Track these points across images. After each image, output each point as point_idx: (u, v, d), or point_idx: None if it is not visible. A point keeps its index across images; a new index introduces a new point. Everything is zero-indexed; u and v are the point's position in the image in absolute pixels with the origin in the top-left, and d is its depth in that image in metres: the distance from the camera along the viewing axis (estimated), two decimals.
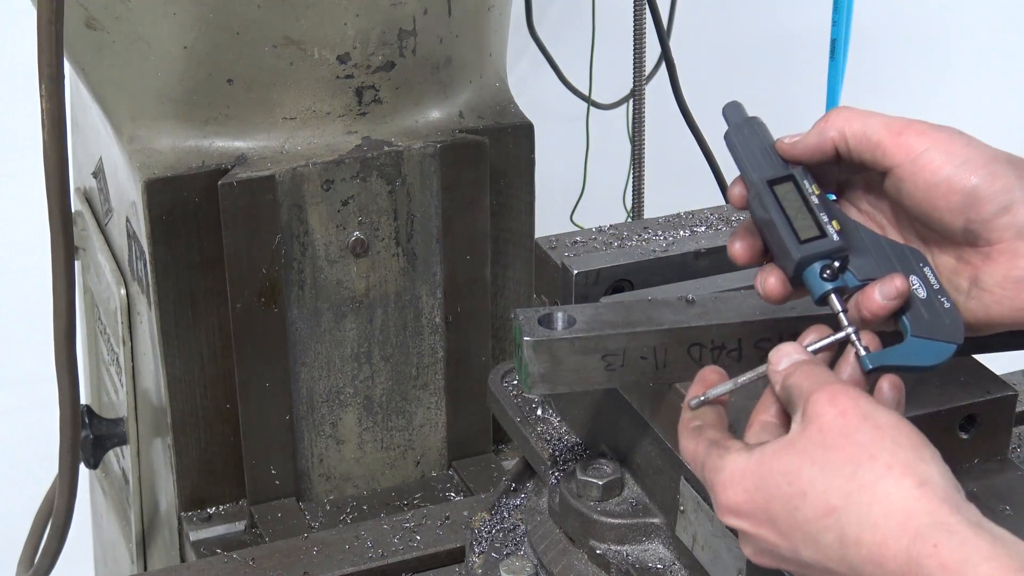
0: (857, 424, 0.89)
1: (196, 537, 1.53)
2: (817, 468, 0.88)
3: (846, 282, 1.00)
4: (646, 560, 1.12)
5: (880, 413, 0.90)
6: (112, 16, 1.41)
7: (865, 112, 1.01)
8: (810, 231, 1.00)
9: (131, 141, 1.46)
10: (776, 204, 1.01)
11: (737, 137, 1.06)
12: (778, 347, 0.98)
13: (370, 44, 1.43)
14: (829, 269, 0.99)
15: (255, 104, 1.44)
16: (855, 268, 1.00)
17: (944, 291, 1.00)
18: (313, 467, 1.57)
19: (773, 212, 1.01)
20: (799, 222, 1.00)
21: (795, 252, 0.99)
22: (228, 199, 1.41)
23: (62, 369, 1.48)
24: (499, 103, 1.57)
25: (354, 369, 1.54)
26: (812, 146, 1.02)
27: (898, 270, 1.00)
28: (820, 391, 0.91)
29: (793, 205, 1.01)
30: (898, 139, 0.99)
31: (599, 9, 2.41)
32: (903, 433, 0.88)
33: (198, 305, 1.47)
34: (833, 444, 0.89)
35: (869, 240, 1.02)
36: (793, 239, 1.00)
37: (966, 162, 0.98)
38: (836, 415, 0.89)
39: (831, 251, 1.00)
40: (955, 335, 0.99)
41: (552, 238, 1.23)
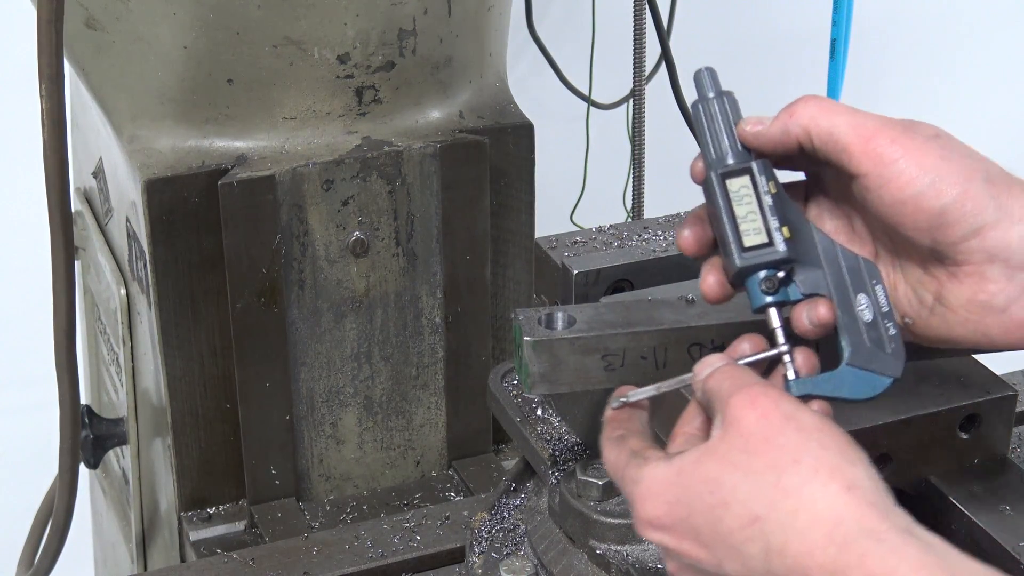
0: (779, 426, 0.84)
1: (196, 537, 1.53)
2: (739, 475, 0.83)
3: (788, 295, 0.93)
4: (646, 560, 1.12)
5: (804, 414, 0.85)
6: (112, 16, 1.41)
7: (834, 108, 0.94)
8: (756, 237, 0.93)
9: (131, 141, 1.46)
10: (725, 201, 0.94)
11: (705, 110, 0.98)
12: (704, 358, 0.93)
13: (370, 44, 1.43)
14: (771, 281, 0.93)
15: (255, 104, 1.44)
16: (800, 281, 0.94)
17: (893, 315, 0.94)
18: (313, 467, 1.57)
19: (721, 209, 0.94)
20: (746, 225, 0.94)
21: (736, 259, 0.93)
22: (228, 199, 1.41)
23: (62, 369, 1.48)
24: (499, 103, 1.57)
25: (354, 369, 1.54)
26: (774, 139, 0.95)
27: (847, 286, 0.93)
28: (740, 393, 0.86)
29: (744, 204, 0.94)
30: (867, 145, 0.92)
31: (599, 9, 2.41)
32: (828, 434, 0.84)
33: (198, 305, 1.47)
34: (755, 449, 0.84)
35: (822, 249, 0.95)
36: (737, 244, 0.93)
37: (938, 179, 0.90)
38: (757, 418, 0.84)
39: (775, 262, 0.93)
40: (894, 368, 0.92)
41: (552, 238, 1.23)
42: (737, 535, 0.82)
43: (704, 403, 0.91)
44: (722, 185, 0.94)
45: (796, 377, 0.92)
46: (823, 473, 0.81)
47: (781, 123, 0.94)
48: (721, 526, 0.83)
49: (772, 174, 0.95)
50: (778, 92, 1.37)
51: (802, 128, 0.93)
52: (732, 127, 0.97)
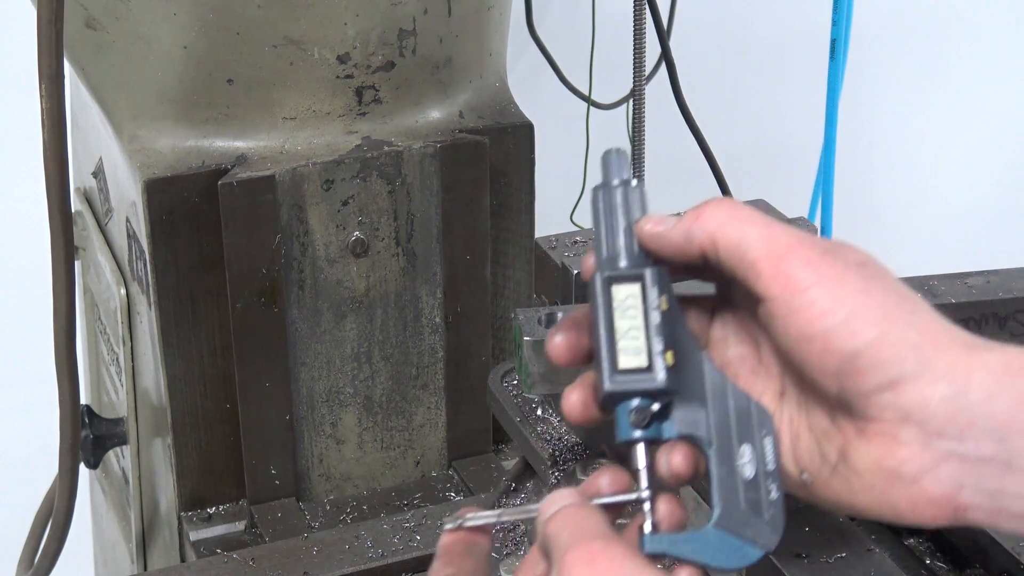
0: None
1: (196, 537, 1.53)
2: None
3: (661, 433, 0.80)
4: None
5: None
6: (112, 16, 1.41)
7: (746, 216, 0.80)
8: (635, 358, 0.80)
9: (131, 141, 1.46)
10: (607, 310, 0.81)
11: (604, 199, 0.84)
12: (554, 493, 0.79)
13: (370, 44, 1.43)
14: (642, 413, 0.80)
15: (255, 104, 1.44)
16: (678, 419, 0.80)
17: (777, 476, 0.80)
18: (313, 467, 1.57)
19: (600, 319, 0.81)
20: (626, 342, 0.80)
21: (607, 381, 0.80)
22: (228, 199, 1.41)
23: (62, 369, 1.48)
24: (499, 103, 1.57)
25: (354, 369, 1.54)
26: (675, 244, 0.81)
27: (731, 434, 0.80)
28: (578, 548, 0.74)
29: (627, 317, 0.80)
30: (778, 265, 0.78)
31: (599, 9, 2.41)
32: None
33: (198, 305, 1.47)
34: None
35: (711, 385, 0.81)
36: (610, 363, 0.80)
37: (853, 316, 0.76)
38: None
39: (651, 391, 0.80)
40: (767, 539, 0.80)
41: (552, 238, 1.23)
42: None
43: (543, 550, 0.78)
44: (607, 291, 0.81)
45: (652, 531, 0.79)
46: None
47: (685, 227, 0.81)
48: None
49: (667, 287, 0.82)
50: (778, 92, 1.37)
51: (707, 236, 0.80)
52: (631, 224, 0.83)
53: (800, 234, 0.79)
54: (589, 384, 0.83)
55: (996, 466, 0.76)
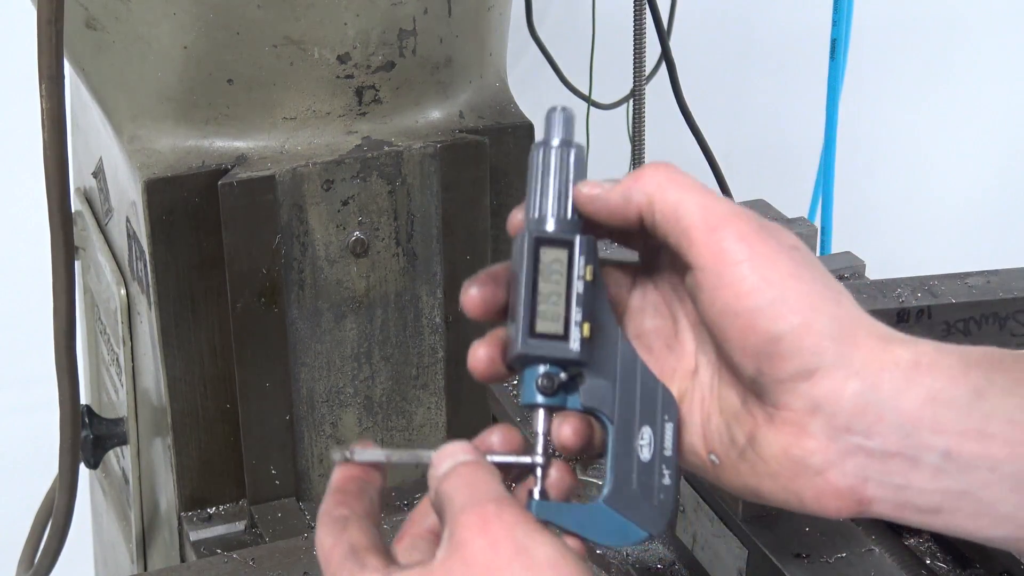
0: (508, 559, 0.72)
1: (196, 537, 1.53)
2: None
3: (565, 402, 0.80)
4: (646, 560, 1.12)
5: (540, 546, 0.72)
6: (112, 16, 1.41)
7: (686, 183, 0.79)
8: (551, 324, 0.79)
9: (131, 141, 1.46)
10: (532, 271, 0.80)
11: (542, 158, 0.82)
12: (447, 446, 0.81)
13: (370, 44, 1.43)
14: (550, 379, 0.80)
15: (255, 104, 1.44)
16: (585, 390, 0.80)
17: (673, 463, 0.80)
18: (313, 467, 1.57)
19: (523, 279, 0.80)
20: (545, 306, 0.79)
21: (519, 343, 0.80)
22: (228, 199, 1.41)
23: (62, 369, 1.48)
24: (499, 103, 1.57)
25: (354, 369, 1.54)
26: (613, 206, 0.80)
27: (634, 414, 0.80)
28: (472, 511, 0.74)
29: (551, 281, 0.79)
30: (711, 235, 0.77)
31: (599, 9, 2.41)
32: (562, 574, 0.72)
33: (198, 305, 1.47)
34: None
35: (622, 363, 0.81)
36: (527, 325, 0.79)
37: (780, 299, 0.76)
38: (484, 546, 0.72)
39: (562, 360, 0.79)
40: (654, 523, 0.80)
41: None
42: None
43: (436, 507, 0.79)
44: (534, 252, 0.80)
45: (541, 498, 0.79)
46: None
47: (624, 188, 0.80)
48: None
49: (595, 258, 0.81)
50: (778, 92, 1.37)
51: (646, 197, 0.79)
52: (568, 187, 0.82)
53: (738, 208, 0.78)
54: (497, 340, 0.83)
55: (902, 461, 0.76)
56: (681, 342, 0.84)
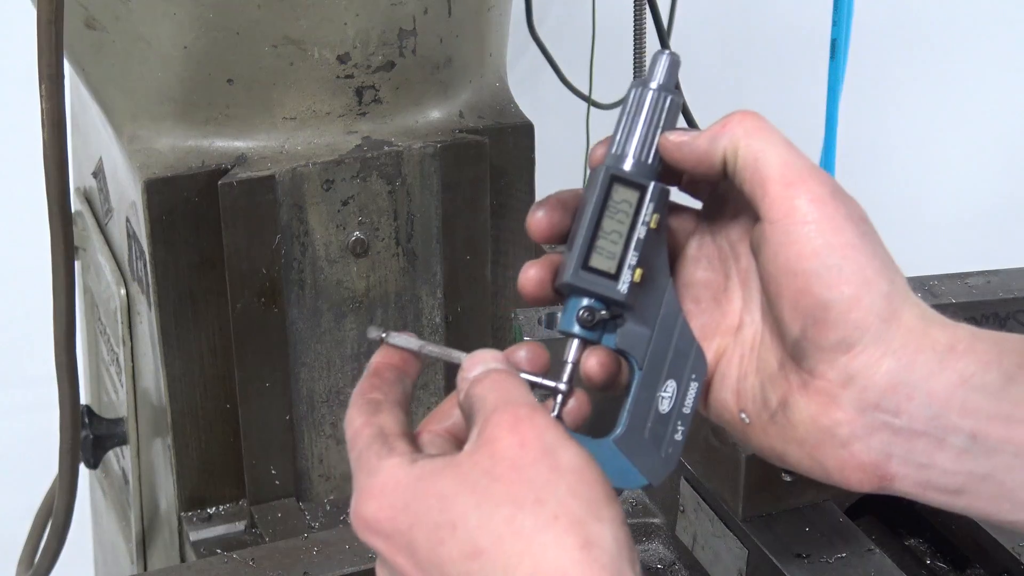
0: (535, 459, 0.74)
1: (196, 537, 1.53)
2: (475, 500, 0.74)
3: (601, 338, 0.82)
4: (646, 560, 1.12)
5: (566, 452, 0.74)
6: (112, 16, 1.41)
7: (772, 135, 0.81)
8: (605, 262, 0.81)
9: (131, 141, 1.46)
10: (599, 206, 0.81)
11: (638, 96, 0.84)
12: (478, 352, 0.82)
13: (370, 44, 1.43)
14: (591, 313, 0.82)
15: (255, 104, 1.44)
16: (622, 333, 0.82)
17: (689, 422, 0.82)
18: (313, 467, 1.57)
19: (589, 212, 0.81)
20: (603, 243, 0.81)
21: (569, 273, 0.81)
22: (228, 199, 1.41)
23: (62, 369, 1.48)
24: (499, 103, 1.57)
25: (354, 369, 1.54)
26: (699, 151, 0.82)
27: (663, 365, 0.82)
28: (504, 411, 0.76)
29: (615, 219, 0.81)
30: (787, 190, 0.79)
31: (599, 9, 2.41)
32: (585, 481, 0.74)
33: (198, 305, 1.47)
34: (501, 476, 0.74)
35: (665, 315, 0.83)
36: (580, 257, 0.81)
37: (838, 268, 0.78)
38: (514, 444, 0.74)
39: (607, 299, 0.81)
40: (655, 473, 0.82)
41: None
42: (455, 566, 0.73)
43: (464, 407, 0.81)
44: (607, 187, 0.81)
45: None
46: (563, 522, 0.72)
47: (711, 133, 0.82)
48: (441, 550, 0.74)
49: (664, 208, 0.83)
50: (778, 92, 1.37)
51: (731, 143, 0.81)
52: (655, 131, 0.83)
53: (816, 169, 0.80)
54: (550, 264, 0.85)
55: (928, 441, 0.78)
56: (729, 298, 0.86)
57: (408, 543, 0.75)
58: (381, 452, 0.80)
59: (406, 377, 0.88)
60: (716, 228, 0.87)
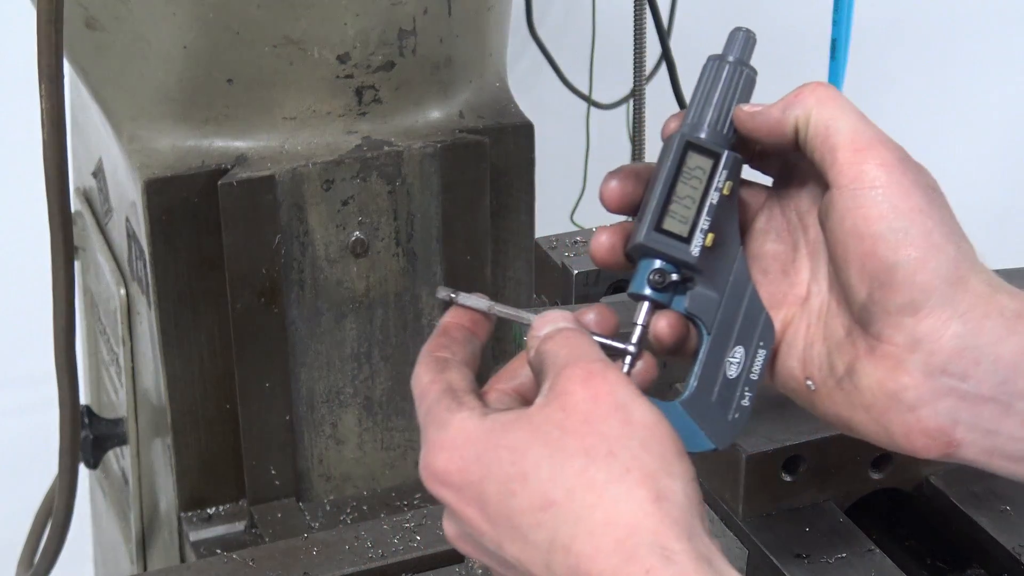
0: (607, 413, 0.75)
1: (196, 537, 1.53)
2: (547, 451, 0.74)
3: (671, 301, 0.83)
4: None
5: (639, 407, 0.75)
6: (112, 16, 1.41)
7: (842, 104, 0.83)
8: (678, 225, 0.83)
9: (131, 141, 1.46)
10: (674, 170, 0.83)
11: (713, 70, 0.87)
12: (549, 311, 0.83)
13: (370, 44, 1.43)
14: (662, 276, 0.83)
15: (255, 104, 1.44)
16: (692, 297, 0.83)
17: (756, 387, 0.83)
18: (313, 467, 1.57)
19: (663, 175, 0.84)
20: (676, 207, 0.83)
21: (642, 234, 0.83)
22: (228, 199, 1.41)
23: (62, 369, 1.48)
24: (499, 103, 1.57)
25: (354, 369, 1.54)
26: (771, 121, 0.84)
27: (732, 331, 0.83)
28: (576, 365, 0.77)
29: (689, 185, 0.83)
30: (854, 155, 0.81)
31: (599, 9, 2.41)
32: (656, 436, 0.74)
33: (198, 305, 1.47)
34: (573, 429, 0.74)
35: (735, 281, 0.84)
36: (653, 219, 0.83)
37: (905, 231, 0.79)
38: (586, 397, 0.75)
39: (678, 261, 0.83)
40: (722, 437, 0.83)
41: (552, 238, 1.23)
42: (526, 517, 0.74)
43: (535, 364, 0.81)
44: (681, 153, 0.84)
45: None
46: (634, 475, 0.72)
47: (784, 103, 0.85)
48: (512, 502, 0.74)
49: (737, 176, 0.85)
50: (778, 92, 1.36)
51: (803, 111, 0.83)
52: (730, 103, 0.86)
53: (886, 137, 0.81)
54: (622, 230, 0.86)
55: (995, 407, 0.78)
56: (797, 269, 0.87)
57: (478, 495, 0.76)
58: (451, 406, 0.81)
59: (475, 337, 0.88)
60: (785, 201, 0.89)
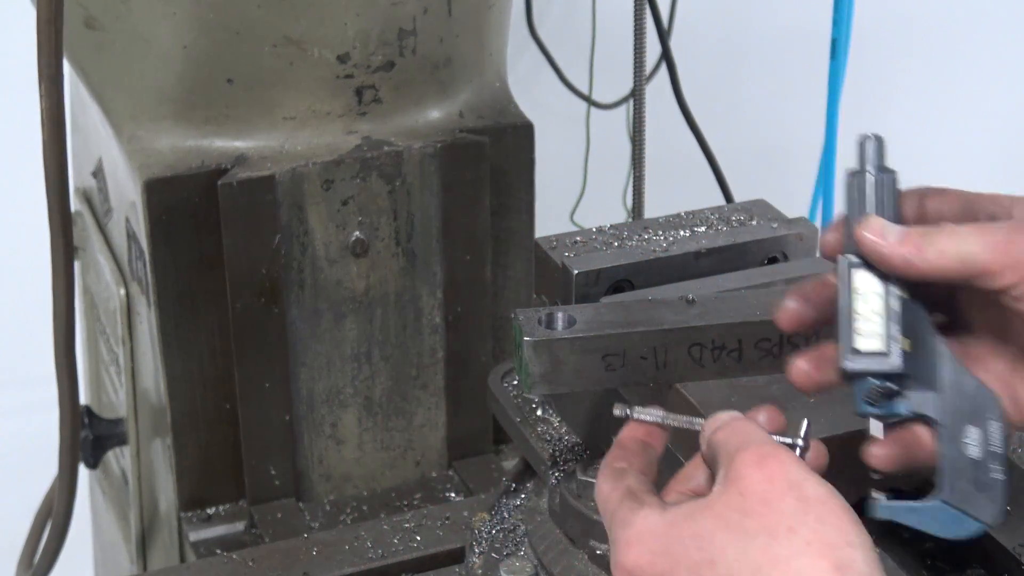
0: (782, 492, 0.79)
1: (196, 537, 1.53)
2: (731, 536, 0.79)
3: (893, 408, 0.88)
4: None
5: (811, 484, 0.80)
6: (112, 16, 1.41)
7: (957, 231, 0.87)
8: (872, 342, 0.87)
9: (131, 141, 1.46)
10: (847, 294, 0.88)
11: (859, 185, 0.91)
12: (719, 414, 0.88)
13: (370, 44, 1.43)
14: (876, 391, 0.87)
15: (255, 104, 1.44)
16: (913, 399, 0.88)
17: (1002, 458, 0.87)
18: (313, 467, 1.57)
19: (842, 300, 0.88)
20: (864, 325, 0.87)
21: (845, 361, 0.88)
22: (228, 199, 1.41)
23: (62, 369, 1.48)
24: (499, 103, 1.57)
25: (354, 369, 1.54)
26: (893, 265, 0.88)
27: (960, 416, 0.87)
28: (748, 451, 0.82)
29: (867, 303, 0.88)
30: (1005, 258, 0.86)
31: (599, 9, 2.41)
32: (831, 509, 0.79)
33: (198, 305, 1.47)
34: (752, 511, 0.79)
35: (944, 368, 0.88)
36: (847, 345, 0.87)
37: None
38: (761, 479, 0.80)
39: (885, 374, 0.87)
40: (989, 513, 0.87)
41: (552, 238, 1.23)
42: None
43: (708, 456, 0.87)
44: (848, 275, 0.89)
45: (885, 499, 0.89)
46: (816, 547, 0.77)
47: (904, 252, 0.88)
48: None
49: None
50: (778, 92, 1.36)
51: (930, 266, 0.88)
52: (888, 210, 0.90)
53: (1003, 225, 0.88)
54: (817, 356, 0.91)
55: None
56: (988, 362, 0.93)
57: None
58: (633, 506, 0.85)
59: (651, 449, 0.93)
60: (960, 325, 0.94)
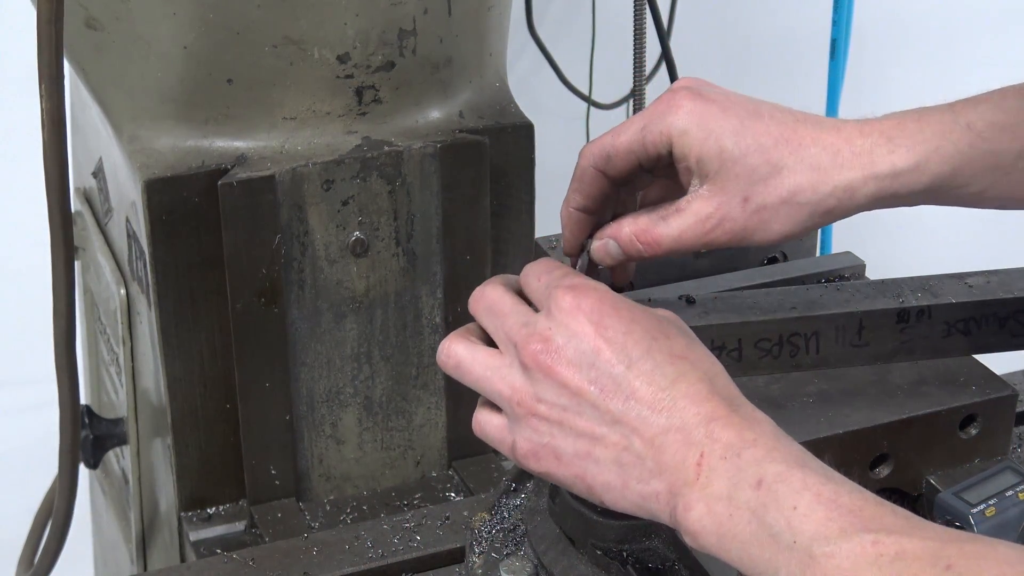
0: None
1: (196, 537, 1.53)
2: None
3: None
4: (646, 560, 1.12)
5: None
6: (112, 16, 1.41)
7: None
8: None
9: (131, 141, 1.46)
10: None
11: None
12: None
13: (370, 44, 1.43)
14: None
15: (255, 104, 1.44)
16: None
17: None
18: (313, 467, 1.57)
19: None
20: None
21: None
22: (228, 199, 1.41)
23: (62, 369, 1.48)
24: (499, 103, 1.57)
25: (354, 369, 1.54)
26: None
27: None
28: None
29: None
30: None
31: (599, 9, 2.41)
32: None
33: (198, 305, 1.47)
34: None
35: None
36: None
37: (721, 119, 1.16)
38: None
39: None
40: None
41: (552, 238, 1.23)
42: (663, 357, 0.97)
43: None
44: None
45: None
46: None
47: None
48: (655, 345, 0.98)
49: None
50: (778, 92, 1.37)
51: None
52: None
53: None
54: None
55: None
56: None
57: (626, 331, 1.01)
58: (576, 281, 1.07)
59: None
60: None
